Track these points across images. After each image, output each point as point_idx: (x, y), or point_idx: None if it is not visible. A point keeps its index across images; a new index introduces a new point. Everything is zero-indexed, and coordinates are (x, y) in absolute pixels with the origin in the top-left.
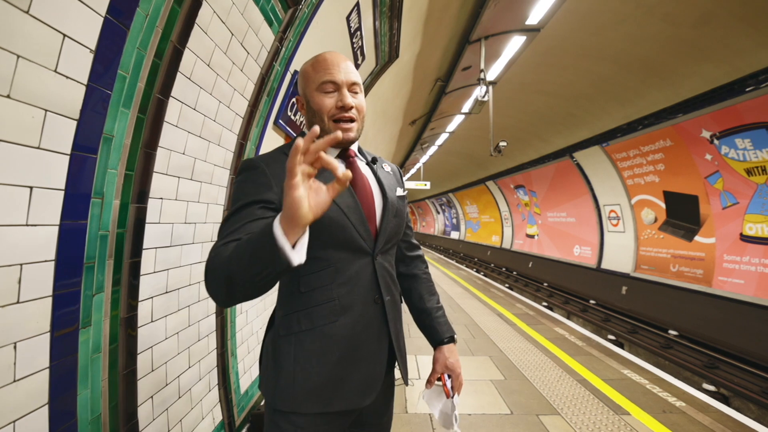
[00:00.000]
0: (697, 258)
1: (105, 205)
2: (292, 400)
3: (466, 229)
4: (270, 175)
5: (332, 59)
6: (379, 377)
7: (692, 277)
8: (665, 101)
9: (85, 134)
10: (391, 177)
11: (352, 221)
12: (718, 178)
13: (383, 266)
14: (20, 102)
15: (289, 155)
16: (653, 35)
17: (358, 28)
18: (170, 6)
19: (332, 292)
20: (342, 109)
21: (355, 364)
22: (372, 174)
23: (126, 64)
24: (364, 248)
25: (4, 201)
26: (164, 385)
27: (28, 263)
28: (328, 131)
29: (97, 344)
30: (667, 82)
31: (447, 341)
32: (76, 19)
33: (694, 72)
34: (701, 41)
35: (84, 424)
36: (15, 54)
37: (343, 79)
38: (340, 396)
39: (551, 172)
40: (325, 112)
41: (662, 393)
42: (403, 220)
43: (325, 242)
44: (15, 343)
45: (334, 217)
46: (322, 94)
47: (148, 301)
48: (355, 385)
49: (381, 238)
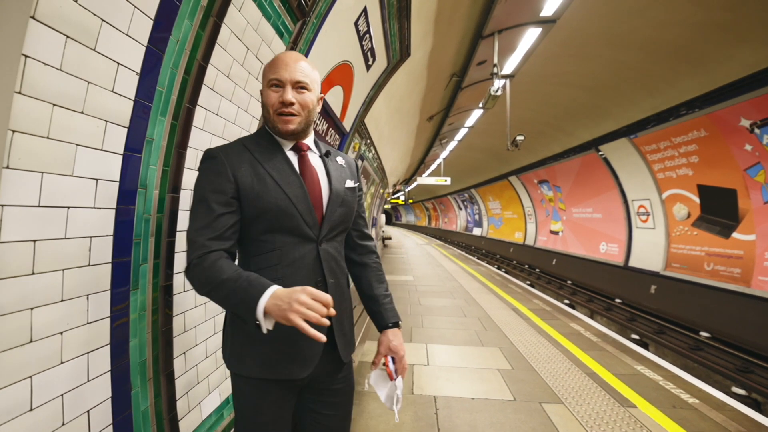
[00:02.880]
0: (734, 256)
1: (147, 195)
2: (242, 364)
3: (489, 225)
4: (228, 165)
5: (283, 59)
6: (316, 353)
7: (729, 276)
8: (698, 89)
9: (133, 138)
10: (343, 169)
11: (300, 210)
12: (760, 170)
13: (328, 252)
14: (90, 116)
15: (311, 304)
16: (682, 20)
17: (366, 31)
18: (195, 31)
19: (277, 272)
20: (282, 104)
21: (294, 340)
22: (322, 166)
23: (162, 82)
24: (309, 235)
25: (81, 189)
26: (194, 345)
27: (96, 236)
28: (273, 123)
29: (143, 304)
30: (699, 69)
31: (392, 326)
32: (127, 50)
33: (729, 56)
34: (737, 23)
35: (134, 364)
36: (86, 81)
37: (287, 77)
38: (280, 366)
39: (576, 166)
40: (269, 106)
41: (675, 389)
42: (350, 210)
43: (273, 227)
44: (87, 295)
45: (282, 206)
46: (270, 90)
47: (180, 274)
48: (294, 359)
49: (326, 226)
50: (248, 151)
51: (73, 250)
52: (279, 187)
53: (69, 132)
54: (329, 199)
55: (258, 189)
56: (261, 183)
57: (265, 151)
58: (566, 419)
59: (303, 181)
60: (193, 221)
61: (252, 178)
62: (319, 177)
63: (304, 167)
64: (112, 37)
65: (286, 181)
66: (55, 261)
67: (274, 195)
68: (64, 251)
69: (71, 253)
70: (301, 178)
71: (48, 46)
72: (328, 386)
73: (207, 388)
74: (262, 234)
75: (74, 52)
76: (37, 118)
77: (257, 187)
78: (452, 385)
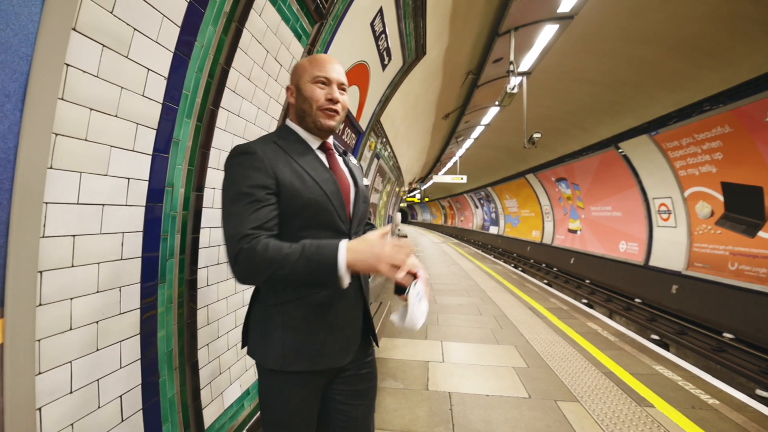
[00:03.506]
0: (760, 255)
1: (174, 193)
2: (282, 360)
3: (506, 224)
4: (267, 161)
5: (329, 60)
6: (355, 340)
7: (754, 276)
8: (722, 84)
9: (161, 139)
10: (358, 169)
11: (335, 205)
12: None
13: None
14: (123, 119)
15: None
16: (704, 13)
17: (382, 31)
18: (219, 36)
19: None
20: (330, 101)
21: (335, 329)
22: (344, 165)
23: (188, 85)
24: (343, 229)
25: (114, 188)
26: (217, 337)
27: (128, 232)
28: (315, 117)
29: (170, 297)
30: (723, 63)
31: None
32: (156, 57)
33: (755, 50)
34: (763, 15)
35: (162, 354)
36: (120, 86)
37: (335, 77)
38: (323, 356)
39: (595, 163)
40: (314, 101)
41: (695, 390)
42: (368, 206)
43: (311, 223)
44: (120, 288)
45: (321, 202)
46: (315, 86)
47: (204, 269)
48: (336, 347)
49: (354, 220)
50: (280, 148)
51: (108, 244)
52: (316, 183)
53: (104, 134)
54: (355, 195)
55: (298, 185)
56: (300, 180)
57: (295, 148)
58: (582, 417)
59: (336, 178)
60: (233, 215)
61: (291, 175)
62: (346, 175)
63: (333, 164)
64: (143, 45)
65: (321, 177)
66: (92, 255)
67: (312, 191)
68: (100, 246)
69: (106, 248)
70: (334, 175)
71: (87, 55)
72: (357, 371)
73: (229, 379)
74: (299, 230)
75: (109, 59)
76: (77, 121)
77: (297, 183)
78: (467, 382)
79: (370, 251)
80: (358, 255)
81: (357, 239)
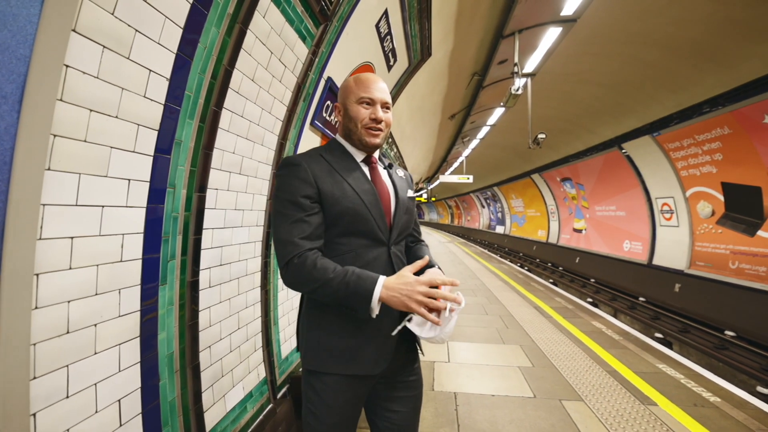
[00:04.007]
0: (760, 254)
1: (176, 194)
2: (317, 360)
3: (512, 223)
4: (310, 172)
5: (373, 80)
6: (389, 350)
7: (754, 274)
8: (721, 86)
9: (162, 140)
10: (403, 181)
11: (374, 215)
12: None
13: (396, 254)
14: (123, 120)
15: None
16: (703, 17)
17: (387, 33)
18: (222, 37)
19: None
20: (374, 120)
21: (367, 337)
22: (388, 177)
23: (190, 86)
24: (382, 239)
25: (114, 189)
26: (219, 339)
27: (128, 233)
28: (360, 135)
29: (171, 299)
30: (722, 66)
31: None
32: (157, 58)
33: (753, 54)
34: (759, 20)
35: (162, 357)
36: (121, 87)
37: (379, 97)
38: (355, 362)
39: (599, 164)
40: (359, 120)
41: (697, 388)
42: (412, 217)
43: (349, 231)
44: (119, 290)
45: (359, 210)
46: (360, 106)
47: (207, 271)
48: (368, 355)
49: (394, 231)
50: (325, 160)
51: (107, 246)
52: (355, 192)
53: (104, 135)
54: (396, 207)
55: (337, 194)
56: (339, 188)
57: (340, 160)
58: (586, 416)
59: (376, 189)
60: (283, 223)
61: (331, 184)
62: (388, 187)
63: (375, 177)
64: (145, 46)
65: (361, 188)
66: (90, 257)
67: (351, 200)
68: (99, 247)
69: (105, 250)
70: (374, 186)
71: (87, 56)
72: (404, 378)
73: (231, 382)
74: (338, 237)
75: (110, 60)
76: (76, 123)
77: (336, 192)
78: (473, 382)
79: (402, 291)
80: (392, 293)
81: (394, 277)
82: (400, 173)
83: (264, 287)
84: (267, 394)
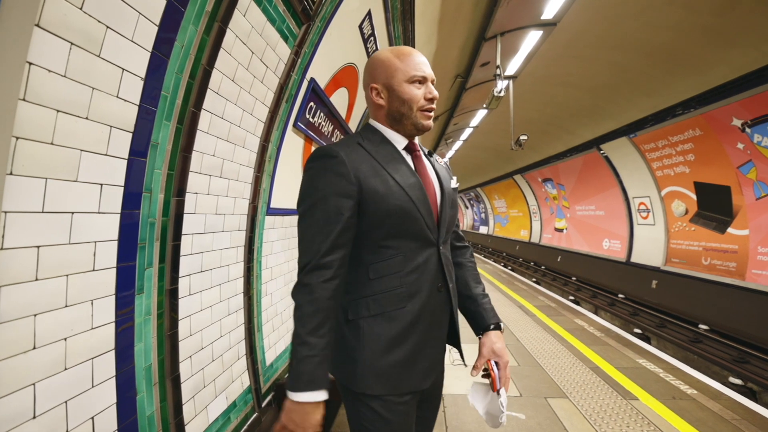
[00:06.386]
0: (729, 251)
1: (153, 198)
2: (363, 382)
3: (495, 223)
4: (349, 166)
5: (419, 55)
6: (440, 360)
7: (725, 270)
8: (692, 90)
9: (137, 143)
10: (444, 169)
11: (422, 213)
12: (751, 167)
13: (445, 255)
14: (95, 122)
15: None
16: (675, 24)
17: (371, 34)
18: (200, 36)
19: (401, 279)
20: (431, 101)
21: (420, 348)
22: (431, 166)
23: (167, 86)
24: (431, 238)
25: (84, 194)
26: (200, 348)
27: (100, 241)
28: (415, 119)
29: (148, 308)
30: (692, 71)
31: (493, 327)
32: (132, 56)
33: (720, 59)
34: (726, 28)
35: (140, 369)
36: (91, 87)
37: (429, 74)
38: (406, 378)
39: (579, 164)
40: (415, 103)
41: (675, 381)
42: (457, 211)
43: (396, 232)
44: (92, 301)
45: (407, 208)
46: (412, 86)
47: (186, 278)
48: (420, 368)
49: (442, 228)
50: (365, 150)
51: (78, 255)
52: (402, 189)
53: (73, 138)
54: (442, 200)
55: (382, 191)
56: (384, 184)
57: (381, 150)
58: (571, 413)
59: (422, 183)
60: (310, 225)
61: (374, 179)
62: (432, 178)
63: (420, 168)
64: (117, 44)
65: (407, 182)
66: (60, 266)
67: (398, 197)
68: (68, 256)
69: (75, 259)
70: (420, 179)
71: (52, 54)
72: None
73: (214, 392)
74: (383, 239)
75: (79, 58)
76: (41, 124)
77: (381, 188)
78: (459, 383)
79: (293, 419)
80: (292, 416)
81: (301, 413)
82: (440, 161)
83: (247, 293)
84: (252, 403)
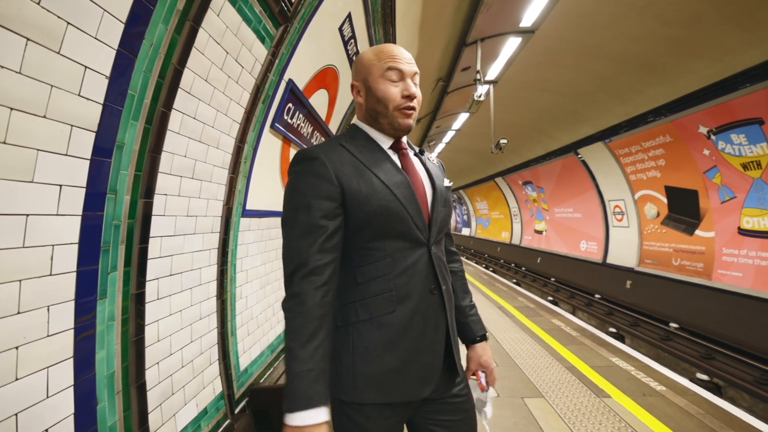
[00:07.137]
0: (697, 252)
1: (118, 200)
2: (353, 390)
3: (477, 225)
4: (330, 167)
5: (398, 49)
6: (437, 367)
7: (693, 270)
8: (663, 98)
9: (102, 143)
10: (437, 168)
11: (410, 212)
12: (717, 173)
13: (438, 256)
14: (53, 120)
15: None
16: (648, 34)
17: (351, 36)
18: (171, 35)
19: (390, 282)
20: (407, 98)
21: (413, 355)
22: (421, 164)
23: (134, 85)
24: (420, 239)
25: (41, 196)
26: (169, 354)
27: (59, 244)
28: (392, 118)
29: (112, 313)
30: (664, 80)
31: (480, 339)
32: (95, 54)
33: (688, 70)
34: (693, 40)
35: (101, 377)
36: (49, 84)
37: (408, 69)
38: (398, 387)
39: (558, 168)
40: (390, 101)
41: (645, 378)
42: (450, 210)
43: (383, 233)
44: (48, 306)
45: (393, 208)
46: (388, 82)
47: (154, 281)
48: (414, 376)
49: (434, 228)
50: (347, 150)
51: (32, 259)
52: (387, 187)
53: (29, 137)
54: (433, 199)
55: (366, 191)
56: (368, 185)
57: (364, 149)
58: (546, 412)
59: (410, 180)
60: (293, 230)
61: (357, 180)
62: (422, 176)
63: (407, 166)
64: (79, 41)
65: (393, 181)
66: (11, 271)
67: (383, 197)
68: (22, 261)
69: (30, 263)
70: (407, 177)
71: (6, 49)
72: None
73: (183, 399)
74: (370, 241)
75: (36, 55)
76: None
77: (364, 189)
78: None
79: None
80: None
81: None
82: (432, 159)
83: (220, 297)
84: (224, 410)
